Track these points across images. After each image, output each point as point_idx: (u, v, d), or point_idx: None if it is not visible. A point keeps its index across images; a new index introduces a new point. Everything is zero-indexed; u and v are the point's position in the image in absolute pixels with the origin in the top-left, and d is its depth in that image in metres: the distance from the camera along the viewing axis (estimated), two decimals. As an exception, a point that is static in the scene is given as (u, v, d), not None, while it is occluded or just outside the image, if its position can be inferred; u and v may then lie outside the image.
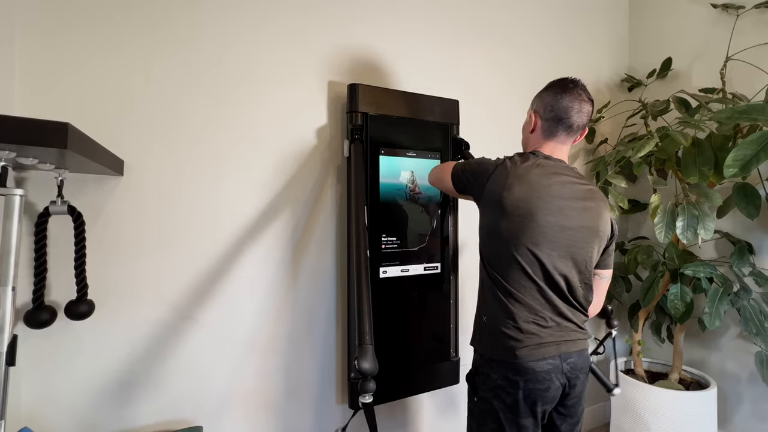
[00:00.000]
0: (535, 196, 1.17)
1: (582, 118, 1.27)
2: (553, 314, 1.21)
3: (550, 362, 1.19)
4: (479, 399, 1.25)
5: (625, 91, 2.62)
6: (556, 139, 1.30)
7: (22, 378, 1.22)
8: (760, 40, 2.05)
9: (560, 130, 1.28)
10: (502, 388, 1.18)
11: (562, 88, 1.27)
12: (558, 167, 1.25)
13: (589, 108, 1.27)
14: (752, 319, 1.86)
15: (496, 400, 1.19)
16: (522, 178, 1.19)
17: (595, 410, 2.59)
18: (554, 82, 1.31)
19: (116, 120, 1.33)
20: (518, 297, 1.18)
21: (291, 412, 1.63)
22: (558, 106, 1.25)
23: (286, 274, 1.61)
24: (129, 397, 1.36)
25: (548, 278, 1.19)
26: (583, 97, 1.26)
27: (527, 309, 1.18)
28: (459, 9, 2.02)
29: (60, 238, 1.24)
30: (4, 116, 0.74)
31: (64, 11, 1.26)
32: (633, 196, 2.54)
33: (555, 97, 1.26)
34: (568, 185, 1.23)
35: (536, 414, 1.19)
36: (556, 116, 1.26)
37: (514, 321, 1.18)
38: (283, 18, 1.59)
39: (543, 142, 1.31)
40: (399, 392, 1.71)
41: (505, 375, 1.18)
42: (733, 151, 1.52)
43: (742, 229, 2.11)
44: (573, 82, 1.28)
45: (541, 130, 1.30)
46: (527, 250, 1.17)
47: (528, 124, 1.36)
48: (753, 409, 2.11)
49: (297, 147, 1.63)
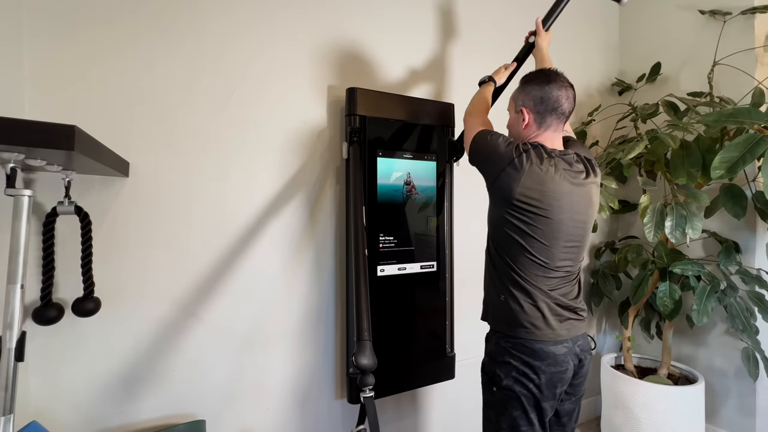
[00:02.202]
0: (549, 195, 1.18)
1: (571, 104, 1.28)
2: (564, 301, 1.25)
3: (566, 345, 1.23)
4: (500, 388, 1.23)
5: (616, 95, 2.63)
6: (551, 128, 1.29)
7: (30, 373, 1.23)
8: (746, 46, 2.06)
9: (554, 119, 1.27)
10: (525, 374, 1.19)
11: (546, 79, 1.27)
12: (565, 160, 1.24)
13: (573, 93, 1.28)
14: (739, 316, 1.87)
15: (518, 386, 1.20)
16: (536, 176, 1.18)
17: (586, 404, 2.60)
18: (533, 76, 1.30)
19: (122, 123, 1.33)
20: (533, 284, 1.22)
21: (291, 406, 1.64)
22: (548, 97, 1.25)
23: (287, 272, 1.62)
24: (134, 391, 1.37)
25: (559, 268, 1.23)
26: (567, 84, 1.27)
27: (544, 294, 1.22)
28: (455, 15, 2.03)
29: (67, 237, 1.24)
30: (14, 119, 0.75)
31: (71, 15, 1.26)
32: (623, 196, 2.55)
33: (542, 89, 1.26)
34: (577, 179, 1.24)
35: (556, 396, 1.22)
36: (550, 107, 1.25)
37: (535, 303, 1.21)
38: (285, 26, 1.60)
39: (540, 134, 1.29)
40: (397, 387, 1.71)
41: (526, 361, 1.19)
42: (720, 153, 1.53)
43: (729, 228, 2.12)
44: (554, 72, 1.28)
45: (535, 123, 1.29)
46: (541, 244, 1.20)
47: (517, 121, 1.33)
48: (739, 403, 2.12)
49: (297, 149, 1.63)
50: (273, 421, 1.60)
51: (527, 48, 1.71)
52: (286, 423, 1.63)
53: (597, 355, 2.61)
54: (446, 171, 1.84)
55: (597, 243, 2.61)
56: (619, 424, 2.12)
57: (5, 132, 0.74)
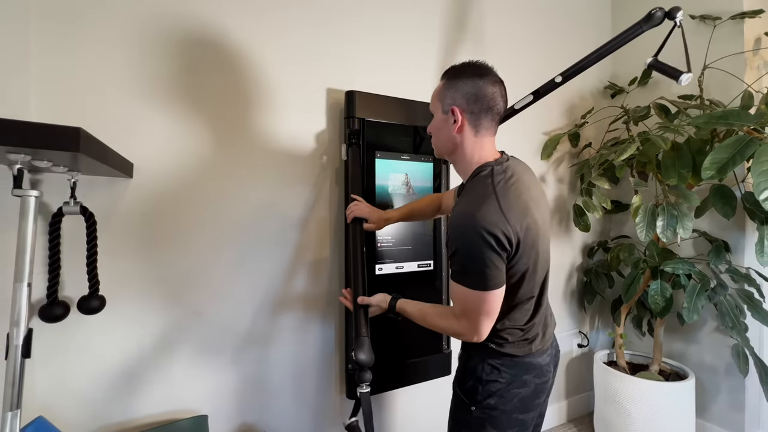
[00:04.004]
0: (528, 219, 1.01)
1: (505, 103, 1.07)
2: (541, 308, 1.13)
3: (548, 354, 1.14)
4: (480, 407, 1.08)
5: (608, 98, 2.64)
6: (488, 132, 1.07)
7: (37, 369, 1.23)
8: (736, 50, 2.07)
9: (488, 120, 1.06)
10: (509, 390, 1.07)
11: (478, 73, 1.04)
12: (522, 179, 1.06)
13: (506, 90, 1.08)
14: (728, 314, 1.88)
15: (503, 403, 1.07)
16: (516, 216, 0.98)
17: (579, 400, 2.61)
18: (461, 68, 1.07)
19: (125, 125, 1.34)
20: (518, 294, 1.06)
21: (292, 401, 1.64)
22: (482, 94, 1.03)
23: (288, 270, 1.62)
24: (137, 387, 1.37)
25: (539, 278, 1.10)
26: (499, 79, 1.07)
27: (527, 304, 1.08)
28: (452, 20, 2.03)
29: (73, 237, 1.24)
30: (20, 122, 0.75)
31: (78, 18, 1.26)
32: (615, 197, 2.56)
33: (475, 84, 1.03)
34: (534, 191, 1.08)
35: (538, 406, 1.13)
36: (485, 106, 1.04)
37: (520, 313, 1.08)
38: (285, 28, 1.60)
39: (479, 142, 1.07)
40: (394, 383, 1.72)
41: (514, 375, 1.07)
42: (710, 155, 1.54)
43: (719, 228, 2.12)
44: (485, 65, 1.07)
45: (470, 127, 1.06)
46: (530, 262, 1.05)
47: (445, 124, 1.08)
48: (729, 399, 2.12)
49: (298, 150, 1.63)
50: (274, 416, 1.60)
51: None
52: (286, 417, 1.63)
53: (590, 352, 2.63)
54: (442, 172, 1.85)
55: (590, 242, 2.61)
56: (611, 419, 2.12)
57: (12, 134, 0.75)
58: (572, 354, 2.57)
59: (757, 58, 2.12)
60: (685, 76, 1.41)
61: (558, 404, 2.51)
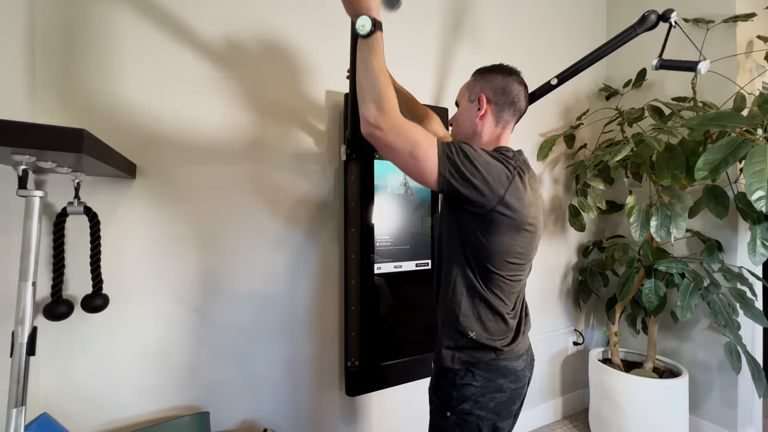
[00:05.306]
0: (536, 212, 1.03)
1: (527, 103, 1.14)
2: (520, 309, 1.12)
3: (524, 359, 1.10)
4: (455, 413, 1.04)
5: (603, 100, 2.64)
6: (508, 126, 1.13)
7: (41, 367, 1.23)
8: (728, 53, 2.08)
9: (510, 114, 1.11)
10: (484, 395, 1.03)
11: (508, 72, 1.12)
12: (534, 176, 1.08)
13: (527, 95, 1.14)
14: (721, 312, 1.88)
15: (478, 408, 1.03)
16: (528, 195, 1.00)
17: (574, 397, 2.61)
18: (492, 66, 1.14)
19: (129, 126, 1.34)
20: (500, 296, 1.05)
21: (293, 398, 1.64)
22: (509, 89, 1.09)
23: (288, 269, 1.62)
24: (140, 384, 1.37)
25: (527, 271, 1.11)
26: (524, 82, 1.13)
27: (508, 307, 1.07)
28: (449, 21, 2.04)
29: (77, 236, 1.25)
30: (25, 123, 0.75)
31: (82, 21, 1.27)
32: (610, 197, 2.56)
33: (504, 79, 1.10)
34: (539, 193, 1.09)
35: (514, 413, 1.10)
36: (510, 100, 1.10)
37: (500, 316, 1.05)
38: (285, 30, 1.61)
39: (499, 132, 1.12)
40: (391, 380, 1.72)
41: (488, 379, 1.04)
42: (703, 156, 1.54)
43: (712, 228, 2.13)
44: (515, 68, 1.14)
45: (492, 117, 1.11)
46: (520, 256, 1.05)
47: (470, 111, 1.13)
48: (722, 395, 2.13)
49: (298, 151, 1.64)
50: (276, 414, 1.61)
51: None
52: (288, 414, 1.63)
53: (585, 350, 2.63)
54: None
55: (585, 242, 2.62)
56: (606, 415, 2.13)
57: (17, 135, 0.75)
58: (568, 352, 2.57)
59: (749, 61, 2.13)
60: (703, 64, 1.39)
61: (553, 401, 2.51)
